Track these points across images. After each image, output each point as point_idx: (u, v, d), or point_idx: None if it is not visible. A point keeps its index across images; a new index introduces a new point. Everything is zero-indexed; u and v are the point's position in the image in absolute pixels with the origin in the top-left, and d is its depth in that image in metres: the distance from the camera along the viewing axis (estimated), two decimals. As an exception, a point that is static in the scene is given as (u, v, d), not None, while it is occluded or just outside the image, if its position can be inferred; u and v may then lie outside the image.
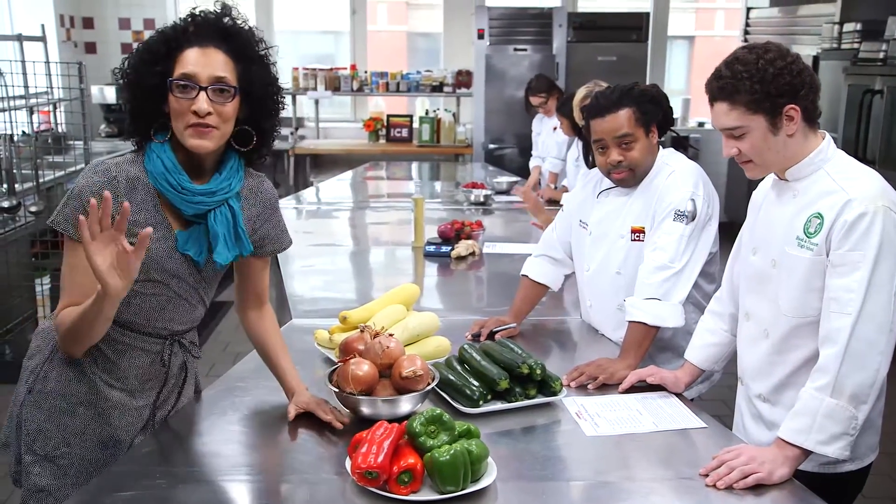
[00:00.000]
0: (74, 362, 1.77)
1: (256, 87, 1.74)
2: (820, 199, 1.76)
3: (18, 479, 1.81)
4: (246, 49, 1.73)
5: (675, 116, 2.50)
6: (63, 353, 1.75)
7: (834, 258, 1.71)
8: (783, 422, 1.72)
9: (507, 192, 5.18)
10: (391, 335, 1.95)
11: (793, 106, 1.73)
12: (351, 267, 3.63)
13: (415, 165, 6.93)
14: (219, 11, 1.72)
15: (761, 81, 1.71)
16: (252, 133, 1.77)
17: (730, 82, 1.74)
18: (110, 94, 7.11)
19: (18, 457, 1.80)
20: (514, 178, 5.53)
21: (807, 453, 1.68)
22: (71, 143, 5.25)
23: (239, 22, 1.74)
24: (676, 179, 2.34)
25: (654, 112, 2.36)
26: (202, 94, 1.65)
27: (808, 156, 1.79)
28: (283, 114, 6.52)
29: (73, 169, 4.71)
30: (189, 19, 1.70)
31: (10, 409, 1.85)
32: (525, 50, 7.03)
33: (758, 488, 1.61)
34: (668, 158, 2.41)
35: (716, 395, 2.99)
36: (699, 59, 11.43)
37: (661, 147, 2.45)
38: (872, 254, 1.66)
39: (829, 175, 1.77)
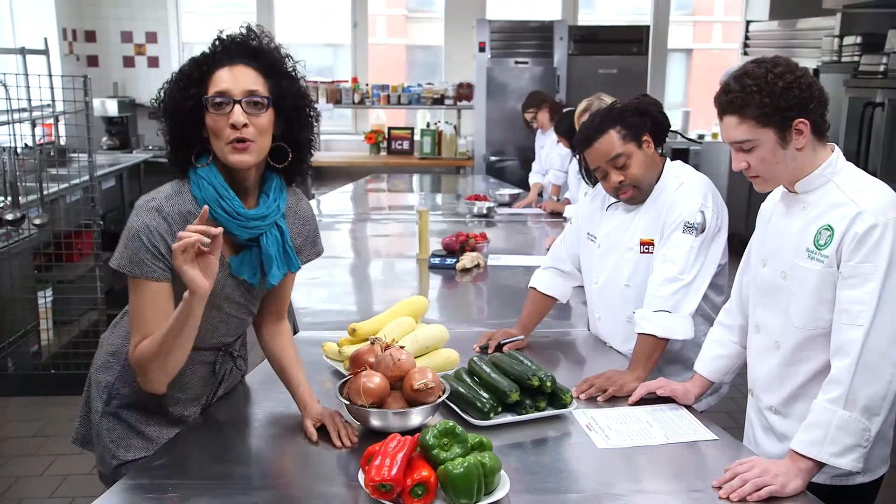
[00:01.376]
0: (131, 393, 1.88)
1: (288, 100, 1.77)
2: (830, 212, 1.76)
3: (104, 477, 1.93)
4: (275, 65, 1.77)
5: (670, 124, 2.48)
6: (145, 390, 1.77)
7: (845, 270, 1.71)
8: (796, 434, 1.71)
9: (509, 205, 5.19)
10: (402, 347, 1.94)
11: (802, 120, 1.74)
12: (355, 279, 3.63)
13: (416, 178, 6.95)
14: (244, 33, 1.77)
15: (771, 95, 1.72)
16: (287, 149, 1.81)
17: (739, 96, 1.75)
18: (112, 107, 7.14)
19: (101, 458, 1.92)
20: (517, 190, 5.54)
21: (820, 466, 1.68)
22: (72, 155, 5.26)
23: (265, 41, 1.78)
24: (685, 191, 2.34)
25: (641, 123, 2.36)
26: (237, 107, 1.69)
27: (818, 168, 1.80)
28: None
29: (76, 181, 4.71)
30: (218, 42, 1.75)
31: (92, 417, 1.94)
32: (526, 63, 7.06)
33: (771, 501, 1.61)
34: (677, 171, 2.42)
35: (721, 408, 2.98)
36: (697, 72, 11.47)
37: (666, 158, 2.45)
38: (883, 265, 1.66)
39: (839, 187, 1.78)
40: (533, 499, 1.62)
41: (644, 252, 2.41)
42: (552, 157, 5.28)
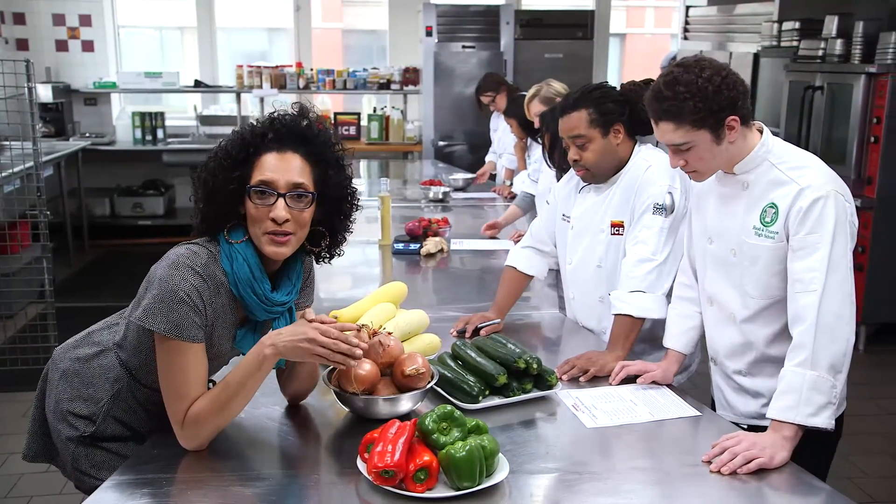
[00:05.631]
0: (124, 421, 1.84)
1: (332, 190, 1.75)
2: (772, 190, 1.88)
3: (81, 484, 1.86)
4: (323, 153, 1.74)
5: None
6: (186, 448, 1.70)
7: (794, 243, 1.83)
8: (770, 403, 1.79)
9: (463, 189, 5.20)
10: (390, 333, 1.94)
11: (733, 117, 1.84)
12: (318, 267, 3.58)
13: (363, 163, 6.87)
14: (296, 114, 1.73)
15: (704, 100, 1.81)
16: (324, 233, 1.79)
17: (673, 104, 1.83)
18: (45, 93, 6.88)
19: (78, 478, 1.85)
20: (470, 175, 5.54)
21: (799, 433, 1.74)
22: (10, 143, 5.05)
23: (315, 125, 1.74)
24: (653, 174, 2.39)
25: (617, 112, 2.39)
26: (280, 202, 1.66)
27: (752, 151, 1.91)
28: (228, 112, 6.38)
29: (20, 167, 4.51)
30: (268, 124, 1.71)
31: (60, 444, 1.86)
32: (473, 47, 7.06)
33: (760, 472, 1.66)
34: (645, 154, 2.46)
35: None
36: (630, 57, 11.67)
37: (637, 142, 2.49)
38: (829, 234, 1.78)
39: (776, 166, 1.90)
40: (532, 480, 1.64)
41: (615, 234, 2.45)
42: (505, 142, 5.30)
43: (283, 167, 1.68)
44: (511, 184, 5.15)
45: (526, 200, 4.07)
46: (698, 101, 1.80)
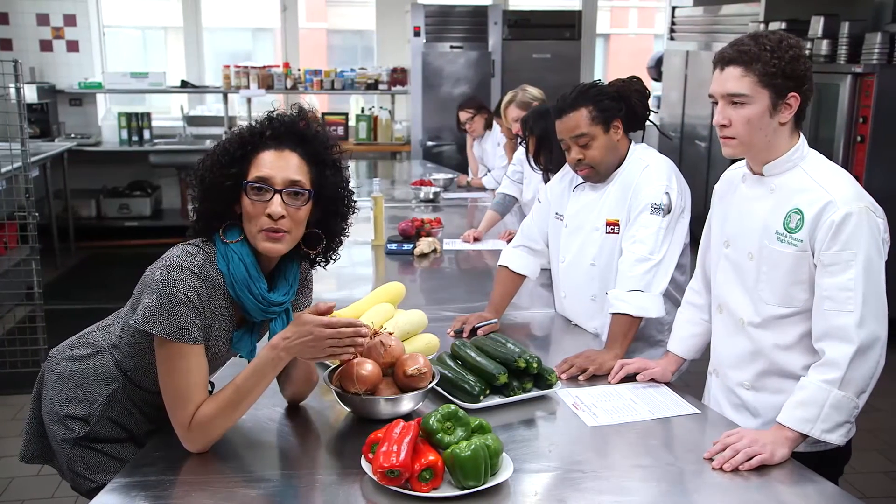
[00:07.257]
0: (120, 423, 1.83)
1: (329, 191, 1.75)
2: (798, 195, 1.83)
3: (77, 486, 1.86)
4: (320, 153, 1.74)
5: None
6: (190, 451, 1.69)
7: (825, 258, 1.77)
8: (784, 408, 1.77)
9: (444, 189, 5.19)
10: (391, 333, 1.94)
11: (795, 94, 1.80)
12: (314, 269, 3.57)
13: (351, 164, 6.86)
14: (295, 115, 1.74)
15: (780, 58, 1.77)
16: (321, 236, 1.79)
17: (753, 49, 1.80)
18: (30, 94, 6.81)
19: (74, 481, 1.85)
20: (450, 175, 5.54)
21: (804, 436, 1.75)
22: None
23: (313, 126, 1.74)
24: (651, 174, 2.40)
25: (615, 108, 2.40)
26: (277, 198, 1.66)
27: (787, 153, 1.86)
28: (215, 113, 6.33)
29: (7, 168, 4.47)
30: (266, 122, 1.71)
31: (56, 446, 1.85)
32: (461, 48, 7.07)
33: (761, 468, 1.67)
34: (641, 153, 2.47)
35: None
36: (615, 57, 11.71)
37: (632, 141, 2.50)
38: (863, 252, 1.74)
39: (806, 172, 1.85)
40: (536, 478, 1.65)
41: (609, 232, 2.46)
42: (495, 158, 5.26)
43: (280, 164, 1.68)
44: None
45: (502, 203, 4.03)
46: (776, 57, 1.77)
